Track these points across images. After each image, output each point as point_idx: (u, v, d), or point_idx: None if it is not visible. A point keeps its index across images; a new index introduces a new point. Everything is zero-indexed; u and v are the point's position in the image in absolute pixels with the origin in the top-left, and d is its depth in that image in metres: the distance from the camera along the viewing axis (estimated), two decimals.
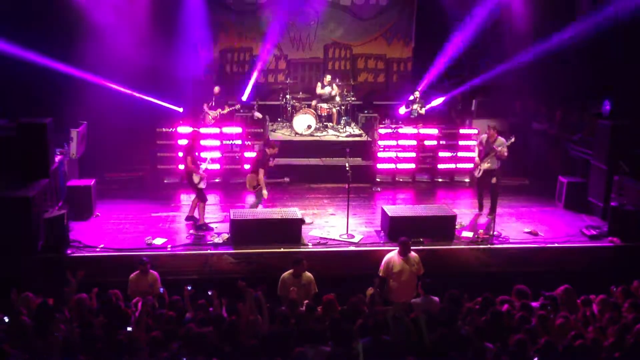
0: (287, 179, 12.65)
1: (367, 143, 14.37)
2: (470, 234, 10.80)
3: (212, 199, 12.71)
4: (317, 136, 14.58)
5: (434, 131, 14.24)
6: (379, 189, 13.50)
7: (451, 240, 10.60)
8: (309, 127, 14.50)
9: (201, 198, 10.86)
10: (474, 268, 10.18)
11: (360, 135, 14.75)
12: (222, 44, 16.60)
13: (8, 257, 9.19)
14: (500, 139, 11.39)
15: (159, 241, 10.22)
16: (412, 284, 8.56)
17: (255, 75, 15.89)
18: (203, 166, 10.82)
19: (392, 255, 8.75)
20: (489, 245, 10.47)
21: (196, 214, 10.96)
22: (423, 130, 14.19)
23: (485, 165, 11.45)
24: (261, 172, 10.90)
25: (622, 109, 13.28)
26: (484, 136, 11.68)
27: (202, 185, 10.76)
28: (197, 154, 10.91)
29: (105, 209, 11.59)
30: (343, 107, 15.20)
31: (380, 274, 8.67)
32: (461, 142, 14.34)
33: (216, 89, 14.62)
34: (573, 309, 7.53)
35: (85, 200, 11.21)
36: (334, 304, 7.44)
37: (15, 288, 7.48)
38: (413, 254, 8.78)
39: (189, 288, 7.74)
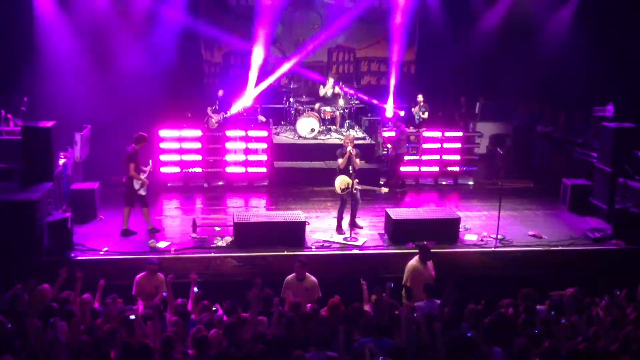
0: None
1: (371, 146, 14.36)
2: (474, 237, 10.79)
3: (215, 202, 12.79)
4: (320, 139, 14.58)
5: (438, 134, 14.24)
6: (382, 192, 13.47)
7: (455, 243, 10.59)
8: (313, 130, 14.50)
9: (144, 203, 10.71)
10: (478, 271, 10.15)
11: (364, 139, 14.74)
12: (225, 47, 16.63)
13: (12, 260, 9.20)
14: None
15: (162, 244, 10.23)
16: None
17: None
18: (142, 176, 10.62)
19: (415, 263, 8.56)
20: (493, 248, 10.45)
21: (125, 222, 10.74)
22: (426, 134, 14.20)
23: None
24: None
25: (626, 111, 13.27)
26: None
27: (142, 192, 10.59)
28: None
29: (109, 212, 11.59)
30: (346, 111, 15.20)
31: (408, 284, 8.39)
32: (464, 145, 14.34)
33: (220, 92, 14.64)
34: (580, 311, 7.49)
35: (89, 203, 11.22)
36: (339, 307, 7.42)
37: (21, 284, 7.49)
38: None
39: (195, 290, 7.73)
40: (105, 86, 13.96)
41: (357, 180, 10.66)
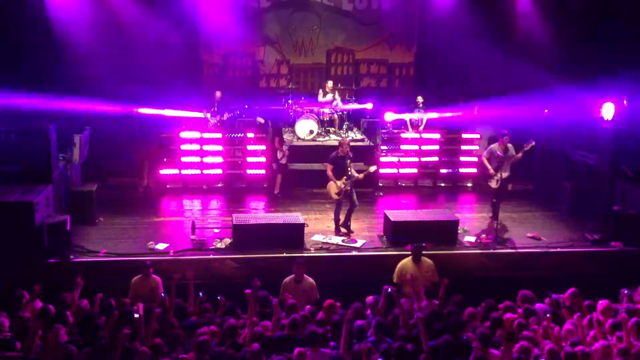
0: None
1: (370, 148, 14.37)
2: (472, 239, 10.79)
3: (214, 204, 12.80)
4: (319, 141, 14.58)
5: (436, 136, 14.25)
6: (381, 194, 13.50)
7: (454, 245, 10.59)
8: (311, 132, 14.51)
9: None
10: (477, 273, 10.16)
11: (362, 140, 14.75)
12: (224, 49, 16.62)
13: (11, 262, 9.19)
14: (510, 145, 11.37)
15: (161, 246, 10.22)
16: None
17: None
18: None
19: (406, 261, 8.91)
20: (491, 250, 10.46)
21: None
22: (425, 135, 14.22)
23: (505, 175, 11.28)
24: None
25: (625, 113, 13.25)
26: (495, 146, 11.43)
27: (283, 161, 13.16)
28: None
29: (108, 214, 11.60)
30: (345, 112, 15.21)
31: (395, 280, 8.76)
32: (463, 147, 14.35)
33: (218, 93, 14.62)
34: (580, 313, 7.49)
35: (88, 205, 11.21)
36: (335, 308, 7.43)
37: (23, 289, 7.49)
38: (427, 260, 8.91)
39: (201, 294, 7.74)
40: (105, 86, 13.92)
41: (346, 179, 10.42)
